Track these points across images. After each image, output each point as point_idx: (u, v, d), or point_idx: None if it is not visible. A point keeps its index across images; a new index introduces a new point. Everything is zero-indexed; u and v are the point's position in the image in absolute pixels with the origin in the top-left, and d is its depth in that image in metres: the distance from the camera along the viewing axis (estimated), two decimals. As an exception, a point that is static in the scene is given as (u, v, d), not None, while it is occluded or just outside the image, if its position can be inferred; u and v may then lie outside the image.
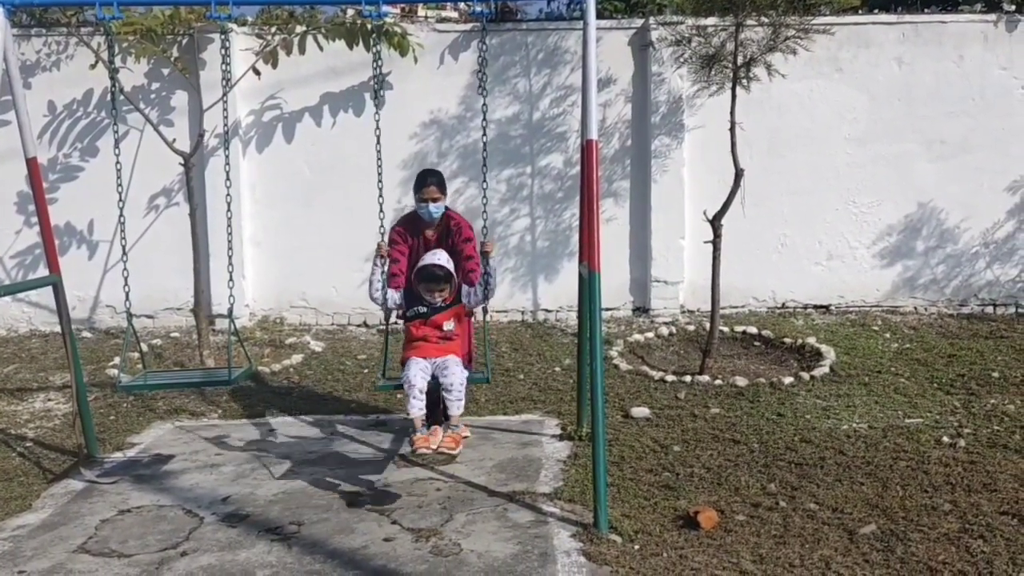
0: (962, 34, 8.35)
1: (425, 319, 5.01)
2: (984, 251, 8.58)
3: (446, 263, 5.08)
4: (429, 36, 8.35)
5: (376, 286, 5.11)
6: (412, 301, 5.10)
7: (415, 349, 4.99)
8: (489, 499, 4.82)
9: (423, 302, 5.07)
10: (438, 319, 5.03)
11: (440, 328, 5.02)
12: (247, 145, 8.54)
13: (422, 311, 5.02)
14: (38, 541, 4.48)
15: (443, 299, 5.04)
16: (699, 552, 4.20)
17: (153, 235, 8.51)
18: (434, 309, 5.04)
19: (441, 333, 5.02)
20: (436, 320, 5.03)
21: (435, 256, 5.10)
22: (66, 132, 8.48)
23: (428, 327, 5.03)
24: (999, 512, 4.54)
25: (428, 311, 5.03)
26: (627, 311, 8.66)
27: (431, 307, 5.04)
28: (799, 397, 6.38)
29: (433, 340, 5.00)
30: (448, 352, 4.98)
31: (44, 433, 6.12)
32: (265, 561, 4.19)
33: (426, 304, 5.05)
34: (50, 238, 5.45)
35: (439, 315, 5.04)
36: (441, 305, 5.04)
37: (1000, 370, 6.85)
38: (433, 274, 5.02)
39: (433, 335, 5.00)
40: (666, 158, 8.40)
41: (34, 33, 8.37)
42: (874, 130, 8.44)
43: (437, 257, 5.09)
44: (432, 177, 5.37)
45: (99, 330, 8.61)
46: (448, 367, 4.90)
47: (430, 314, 5.02)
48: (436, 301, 5.04)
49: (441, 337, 5.01)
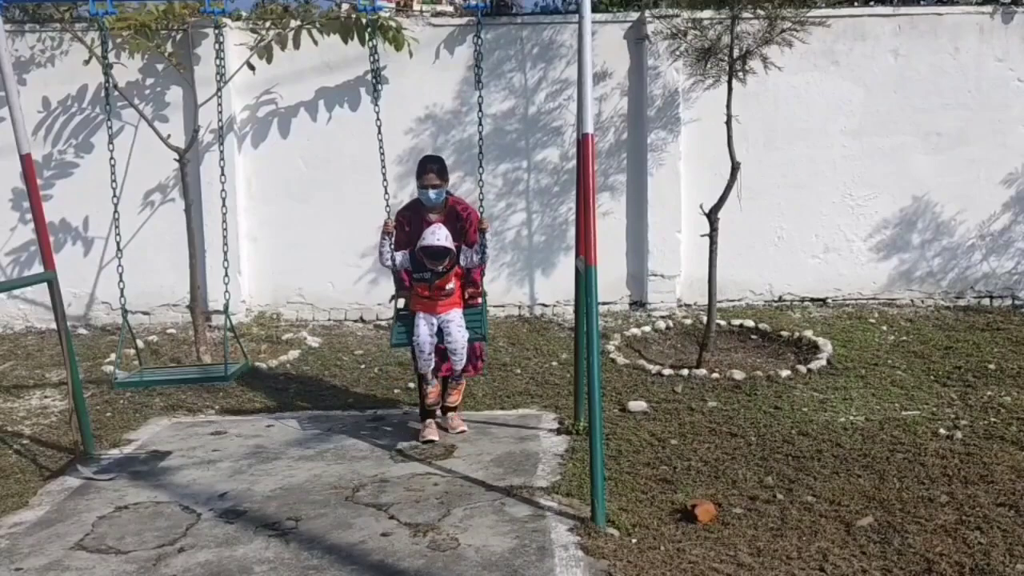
0: (958, 26, 8.34)
1: (430, 283, 5.46)
2: (980, 243, 8.58)
3: (444, 241, 5.38)
4: (424, 30, 8.32)
5: (385, 254, 5.57)
6: (417, 267, 5.51)
7: (422, 304, 5.53)
8: (487, 493, 4.82)
9: (427, 268, 5.46)
10: (441, 282, 5.48)
11: (443, 288, 5.49)
12: (242, 140, 8.51)
13: (427, 276, 5.47)
14: (35, 538, 4.48)
15: (443, 267, 5.43)
16: (696, 545, 4.20)
17: (149, 231, 8.48)
18: (437, 274, 5.44)
19: (444, 292, 5.50)
20: (439, 283, 5.48)
21: (435, 236, 5.38)
22: (61, 128, 8.45)
23: (433, 289, 5.49)
24: (996, 504, 4.55)
25: (432, 275, 5.45)
26: (624, 305, 8.66)
27: (434, 272, 5.44)
28: (796, 390, 6.38)
29: (437, 298, 5.51)
30: (451, 307, 5.53)
31: (41, 430, 6.11)
32: (263, 557, 4.19)
33: (430, 270, 5.45)
34: (45, 235, 5.44)
35: (441, 279, 5.47)
36: (443, 270, 5.44)
37: (996, 362, 6.85)
38: (434, 252, 5.41)
39: (437, 294, 5.50)
40: (662, 152, 8.39)
41: (28, 29, 8.33)
42: (870, 122, 8.44)
43: (436, 237, 5.38)
44: (432, 164, 5.57)
45: (95, 327, 8.59)
46: (451, 332, 5.45)
47: (434, 278, 5.45)
48: (438, 269, 5.45)
49: (444, 295, 5.51)
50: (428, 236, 5.39)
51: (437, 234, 5.39)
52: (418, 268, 5.50)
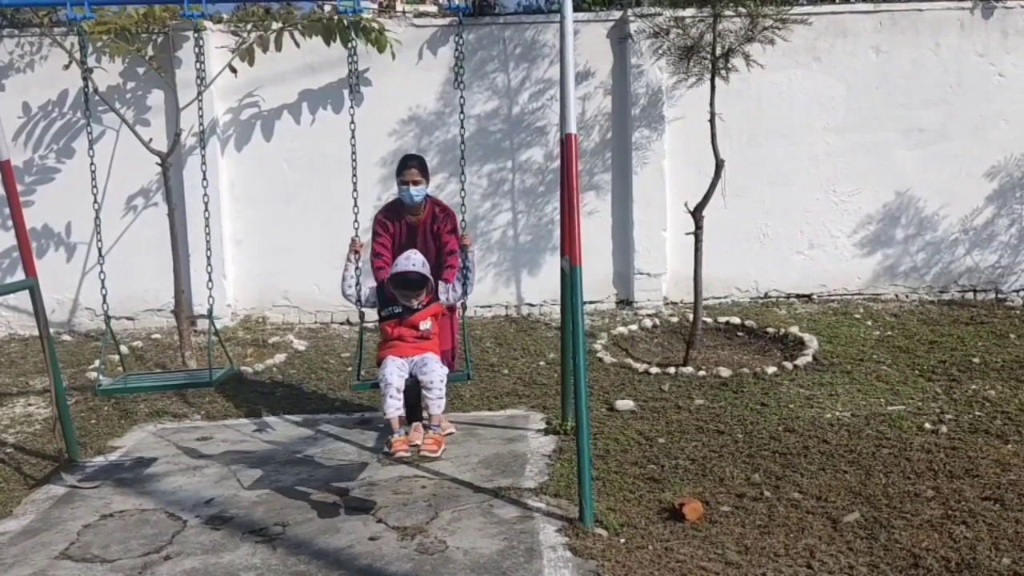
0: (938, 21, 8.38)
1: (400, 320, 4.91)
2: (964, 237, 8.63)
3: (421, 267, 4.92)
4: (407, 31, 8.30)
5: (349, 283, 4.97)
6: (386, 301, 4.98)
7: (391, 348, 4.89)
8: (475, 495, 4.81)
9: (398, 302, 4.96)
10: (414, 319, 4.92)
11: (416, 328, 4.91)
12: (225, 144, 8.47)
13: (397, 311, 4.90)
14: (19, 548, 4.44)
15: (419, 302, 4.94)
16: (684, 544, 4.21)
17: (132, 236, 8.43)
18: (409, 310, 4.93)
19: (418, 333, 4.90)
20: (412, 320, 4.92)
21: (409, 262, 4.92)
22: (41, 133, 8.38)
23: (404, 327, 4.92)
24: (981, 498, 4.57)
25: (404, 311, 4.92)
26: (611, 304, 8.66)
27: (406, 308, 4.93)
28: (783, 387, 6.40)
29: (409, 340, 4.89)
30: (425, 351, 4.88)
31: (25, 438, 6.06)
32: (249, 563, 4.17)
33: (401, 305, 4.94)
34: (26, 241, 5.39)
35: (415, 316, 4.92)
36: (417, 307, 4.94)
37: (981, 356, 6.89)
38: (407, 280, 4.87)
39: (409, 335, 4.89)
40: (646, 150, 8.40)
41: (6, 34, 8.26)
42: (853, 119, 8.47)
43: (411, 263, 4.91)
44: (413, 160, 5.44)
45: (79, 333, 8.53)
46: (427, 364, 4.81)
47: (406, 315, 4.90)
48: (412, 304, 4.93)
49: (417, 336, 4.90)
50: (401, 261, 4.88)
51: (412, 259, 4.89)
52: (386, 303, 4.90)
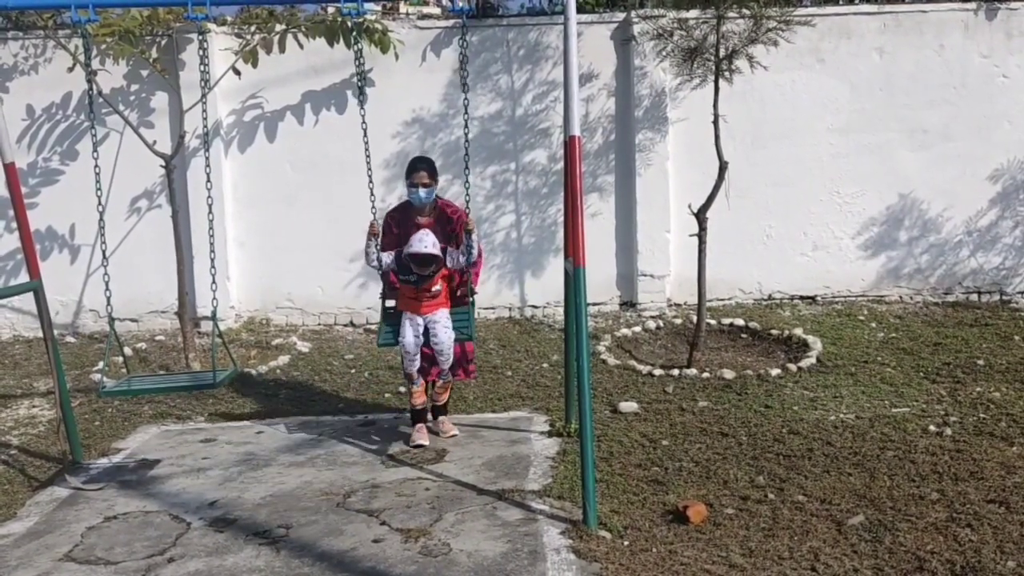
0: (942, 23, 8.37)
1: (416, 286, 5.49)
2: (968, 239, 8.61)
3: (432, 248, 5.35)
4: (410, 33, 8.30)
5: (372, 256, 5.57)
6: (404, 269, 5.50)
7: (409, 305, 5.58)
8: (478, 498, 4.81)
9: (412, 272, 5.47)
10: (427, 285, 5.50)
11: (429, 290, 5.52)
12: (229, 145, 8.48)
13: (412, 279, 5.48)
14: (23, 550, 4.44)
15: (431, 271, 5.45)
16: (688, 547, 4.20)
17: (136, 238, 8.44)
18: (423, 277, 5.46)
19: (431, 294, 5.53)
20: (426, 286, 5.51)
21: (422, 244, 5.35)
22: (46, 136, 8.39)
23: (419, 291, 5.52)
24: (986, 500, 4.56)
25: (418, 279, 5.46)
26: (614, 306, 8.66)
27: (421, 276, 5.45)
28: (786, 389, 6.39)
29: (424, 300, 5.54)
30: (437, 307, 5.55)
31: (29, 440, 6.07)
32: (253, 566, 4.17)
33: (415, 273, 5.46)
34: (30, 243, 5.40)
35: (428, 282, 5.49)
36: (430, 274, 5.47)
37: (985, 358, 6.88)
38: (421, 260, 5.39)
39: (424, 295, 5.54)
40: (650, 152, 8.39)
41: (11, 36, 8.27)
42: (856, 120, 8.46)
43: (424, 244, 5.34)
44: (423, 164, 5.59)
45: (83, 335, 8.54)
46: (437, 333, 5.47)
47: (421, 282, 5.47)
48: (425, 274, 5.46)
49: (431, 297, 5.55)
50: (415, 243, 5.36)
51: (424, 241, 5.36)
52: (404, 271, 5.50)
